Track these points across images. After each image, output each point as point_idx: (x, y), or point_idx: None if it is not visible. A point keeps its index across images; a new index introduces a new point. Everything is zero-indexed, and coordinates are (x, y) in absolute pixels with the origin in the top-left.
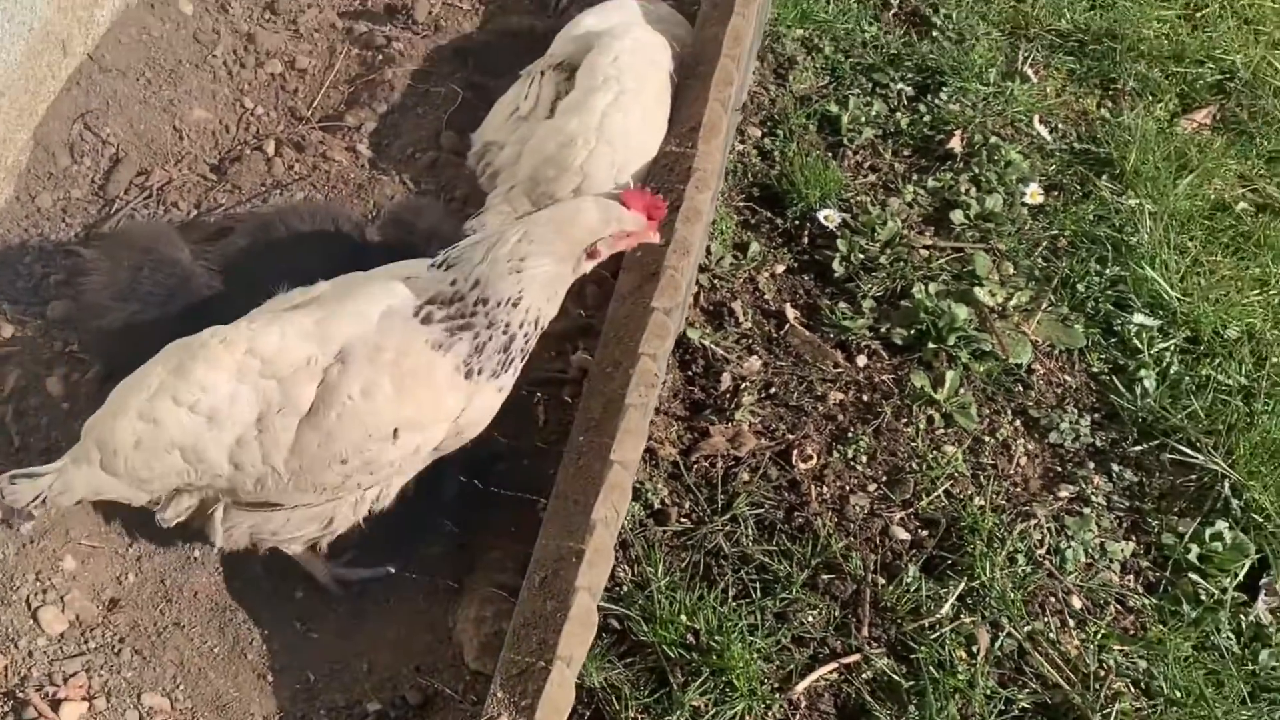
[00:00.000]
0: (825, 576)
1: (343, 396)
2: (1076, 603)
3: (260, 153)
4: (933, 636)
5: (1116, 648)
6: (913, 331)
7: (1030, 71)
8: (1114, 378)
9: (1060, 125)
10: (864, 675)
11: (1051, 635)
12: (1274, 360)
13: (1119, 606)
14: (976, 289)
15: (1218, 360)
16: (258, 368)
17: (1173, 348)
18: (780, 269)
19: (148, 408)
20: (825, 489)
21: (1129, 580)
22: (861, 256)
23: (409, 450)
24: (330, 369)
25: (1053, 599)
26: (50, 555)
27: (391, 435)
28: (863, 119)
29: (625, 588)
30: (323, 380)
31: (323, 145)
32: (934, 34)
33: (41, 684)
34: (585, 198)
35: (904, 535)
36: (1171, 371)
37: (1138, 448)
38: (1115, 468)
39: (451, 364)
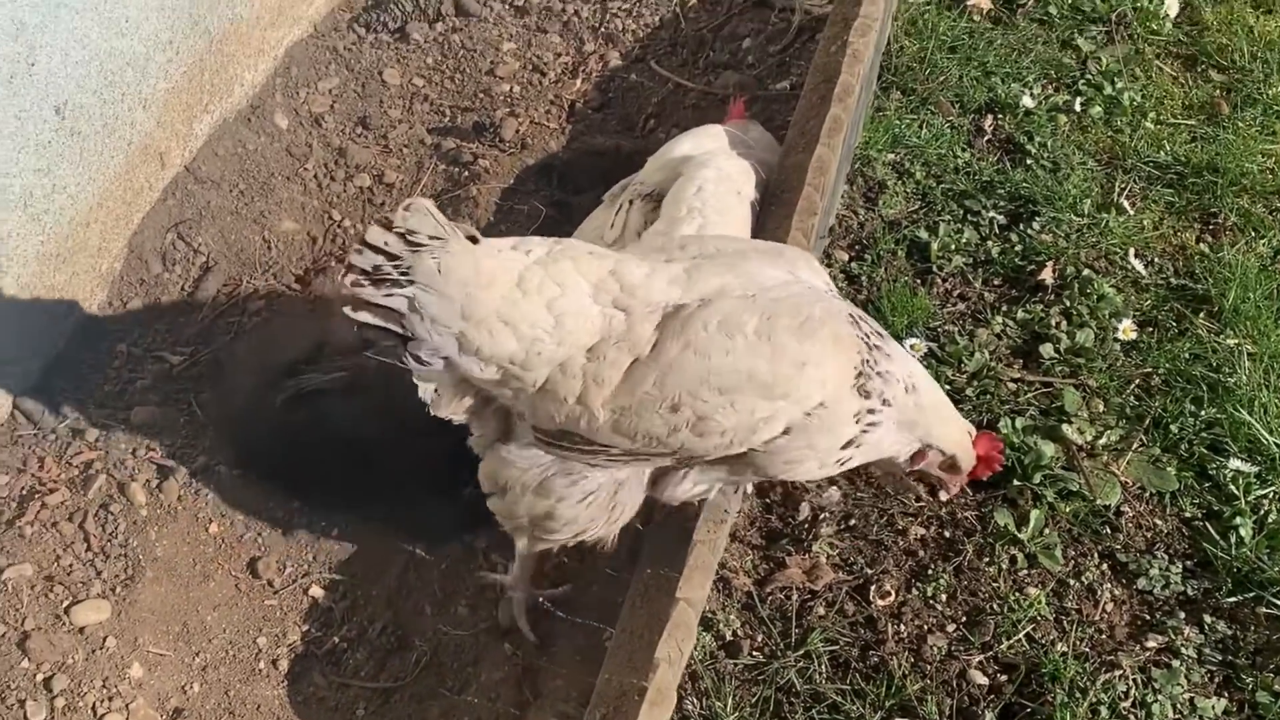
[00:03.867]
0: None
1: (697, 327)
2: None
3: (344, 264)
4: None
5: None
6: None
7: (1126, 203)
8: (1208, 524)
9: (1156, 259)
10: None
11: None
12: None
13: None
14: (1065, 426)
15: None
16: (615, 292)
17: (1271, 495)
18: None
19: (527, 274)
20: (903, 627)
21: None
22: (947, 388)
23: (743, 426)
24: (687, 305)
25: None
26: (118, 662)
27: (735, 389)
28: (953, 246)
29: None
30: (678, 313)
31: None
32: (1028, 162)
33: None
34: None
35: (982, 680)
36: (1269, 520)
37: (1232, 599)
38: (1207, 619)
39: (853, 335)
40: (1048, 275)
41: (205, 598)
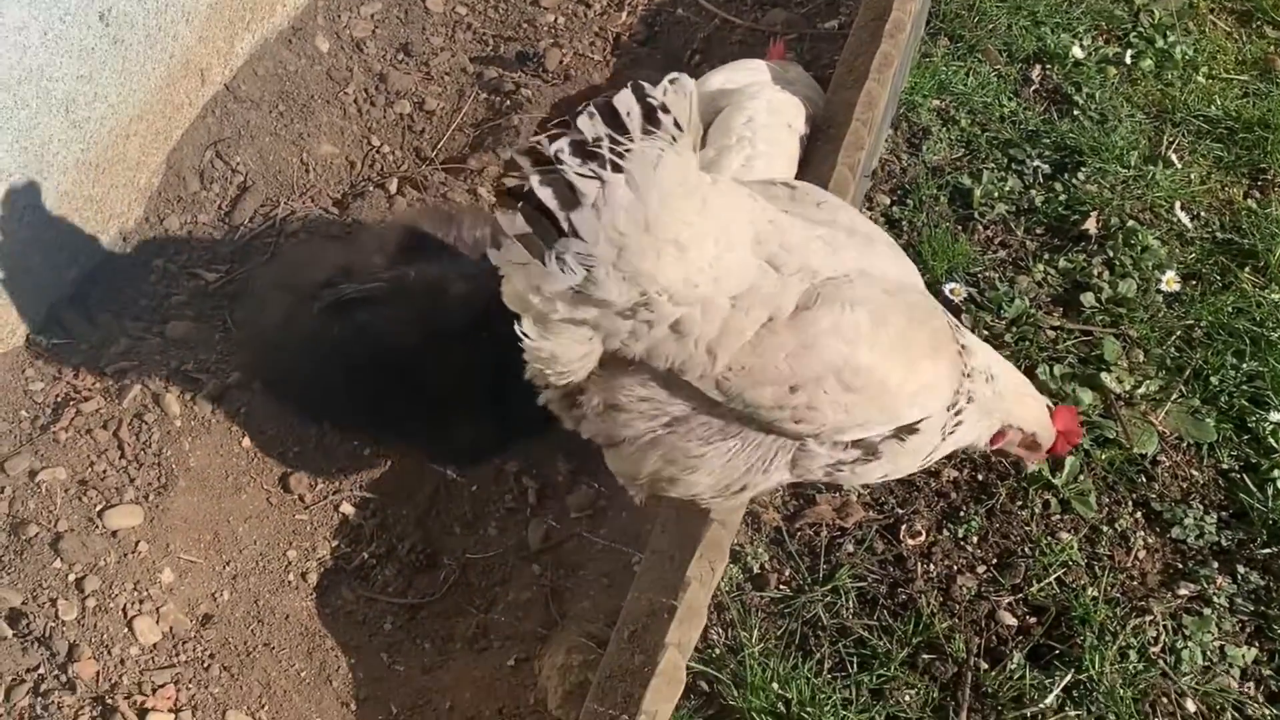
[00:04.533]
0: (926, 656)
1: (847, 309)
2: (1190, 706)
3: (383, 190)
4: None
5: None
6: None
7: (1174, 156)
8: (1245, 476)
9: (1203, 213)
10: None
11: None
12: None
13: (1236, 714)
14: (1104, 374)
15: None
16: (774, 247)
17: None
18: None
19: (709, 197)
20: (932, 567)
21: (1249, 688)
22: (986, 334)
23: (840, 425)
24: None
25: (1165, 700)
26: (150, 567)
27: (861, 390)
28: (996, 194)
29: (718, 650)
30: (824, 285)
31: (444, 186)
32: (1075, 113)
33: (130, 692)
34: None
35: (1011, 620)
36: None
37: (1266, 550)
38: (1241, 569)
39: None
40: (1091, 225)
41: (237, 509)
